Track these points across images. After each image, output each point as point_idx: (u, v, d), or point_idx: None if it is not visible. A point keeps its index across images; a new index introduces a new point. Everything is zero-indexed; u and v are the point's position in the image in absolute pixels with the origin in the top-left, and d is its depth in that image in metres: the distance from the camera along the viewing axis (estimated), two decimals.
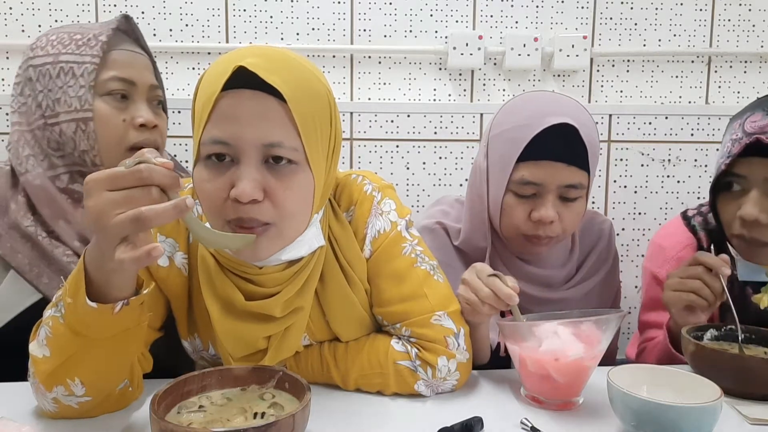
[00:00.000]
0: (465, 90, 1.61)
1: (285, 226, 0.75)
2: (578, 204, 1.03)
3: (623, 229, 1.65)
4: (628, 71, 1.63)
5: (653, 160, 1.64)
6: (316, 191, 0.78)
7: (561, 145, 0.99)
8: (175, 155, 1.54)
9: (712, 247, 1.08)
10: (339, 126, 0.83)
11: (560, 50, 1.56)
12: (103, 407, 0.77)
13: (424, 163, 1.60)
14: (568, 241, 1.15)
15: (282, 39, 1.56)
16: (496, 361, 1.01)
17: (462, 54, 1.54)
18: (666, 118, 1.62)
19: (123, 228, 0.61)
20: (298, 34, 1.56)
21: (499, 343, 1.04)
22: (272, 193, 0.73)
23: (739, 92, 1.65)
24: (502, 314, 1.09)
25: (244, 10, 1.54)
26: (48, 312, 0.72)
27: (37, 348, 0.72)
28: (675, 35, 1.62)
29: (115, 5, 1.51)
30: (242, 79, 0.71)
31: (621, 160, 1.64)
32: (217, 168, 0.73)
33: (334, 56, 1.58)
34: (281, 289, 0.81)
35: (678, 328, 0.99)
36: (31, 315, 0.88)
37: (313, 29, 1.56)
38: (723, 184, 1.05)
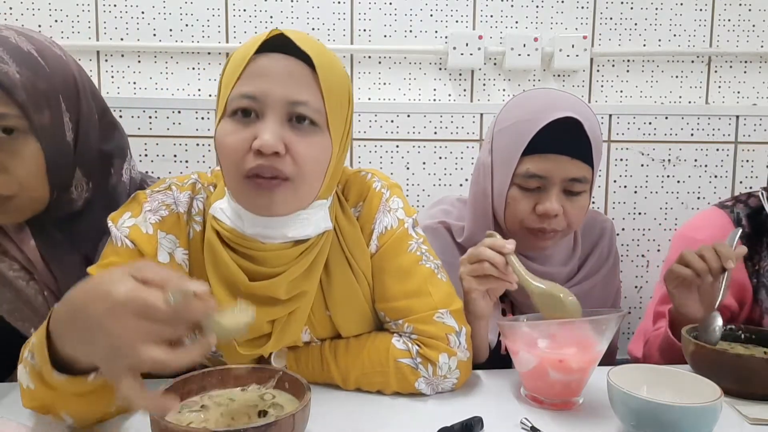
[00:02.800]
0: (465, 90, 1.61)
1: (301, 183, 0.78)
2: (582, 199, 1.04)
3: (623, 229, 1.65)
4: (628, 71, 1.63)
5: (653, 160, 1.64)
6: (332, 161, 0.80)
7: (566, 138, 1.00)
8: (175, 155, 1.54)
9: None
10: (353, 112, 0.86)
11: (560, 50, 1.55)
12: (101, 423, 0.77)
13: (424, 163, 1.60)
14: (570, 239, 1.15)
15: None
16: (497, 360, 1.01)
17: (462, 54, 1.54)
18: (666, 118, 1.62)
19: (143, 366, 0.56)
20: None
21: (499, 342, 1.04)
22: (293, 148, 0.76)
23: (739, 92, 1.65)
24: (503, 313, 1.10)
25: (244, 10, 1.54)
26: (25, 353, 0.70)
27: (24, 376, 0.71)
28: (675, 35, 1.62)
29: (115, 5, 1.51)
30: (275, 45, 0.76)
31: (621, 160, 1.64)
32: (242, 122, 0.76)
33: None
34: (286, 269, 0.82)
35: (678, 314, 0.99)
36: None
37: (313, 29, 1.56)
38: None
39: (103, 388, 0.68)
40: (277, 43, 0.76)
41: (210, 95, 1.56)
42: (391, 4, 1.56)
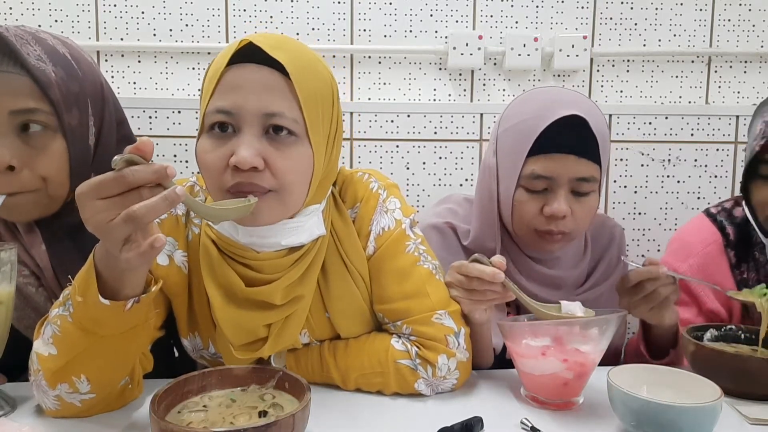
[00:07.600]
0: (465, 90, 1.61)
1: (285, 194, 0.77)
2: (591, 199, 1.01)
3: (623, 229, 1.65)
4: (628, 71, 1.63)
5: (653, 160, 1.64)
6: (315, 169, 0.79)
7: (571, 137, 0.97)
8: (174, 155, 1.54)
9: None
10: (340, 113, 0.85)
11: (560, 50, 1.55)
12: (105, 404, 0.78)
13: (424, 163, 1.60)
14: (581, 242, 1.13)
15: None
16: (502, 363, 1.00)
17: (462, 54, 1.54)
18: (666, 118, 1.62)
19: (120, 231, 0.62)
20: (298, 34, 1.56)
21: (505, 347, 1.03)
22: (272, 163, 0.75)
23: (739, 92, 1.65)
24: (508, 314, 1.09)
25: (244, 10, 1.54)
26: (55, 311, 0.73)
27: (42, 346, 0.73)
28: (675, 35, 1.62)
29: (115, 5, 1.51)
30: (248, 55, 0.75)
31: (621, 160, 1.63)
32: (219, 138, 0.76)
33: (334, 56, 1.57)
34: (281, 276, 0.82)
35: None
36: None
37: (313, 29, 1.56)
38: (752, 170, 1.06)
39: (132, 332, 0.72)
40: (249, 53, 0.75)
41: None
42: (391, 4, 1.56)
